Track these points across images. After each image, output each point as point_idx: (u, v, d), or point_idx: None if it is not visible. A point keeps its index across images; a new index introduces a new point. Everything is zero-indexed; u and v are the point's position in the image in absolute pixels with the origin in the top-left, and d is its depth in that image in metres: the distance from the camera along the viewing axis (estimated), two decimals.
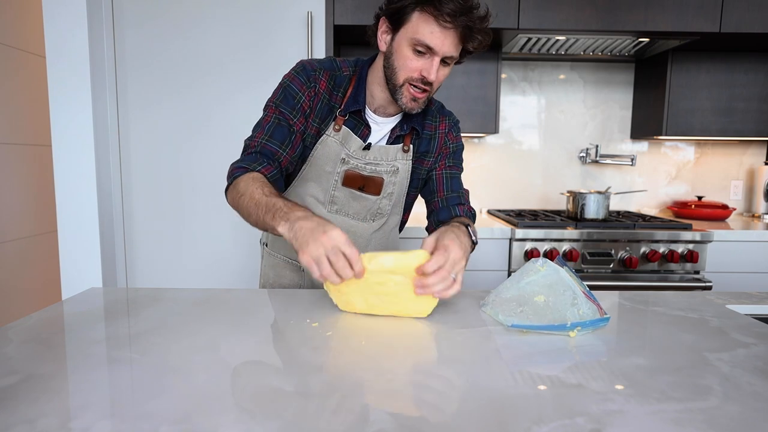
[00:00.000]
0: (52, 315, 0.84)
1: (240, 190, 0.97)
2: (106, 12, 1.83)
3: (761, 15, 1.95)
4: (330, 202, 1.14)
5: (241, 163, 1.03)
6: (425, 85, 0.98)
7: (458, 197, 1.17)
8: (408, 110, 1.03)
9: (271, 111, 1.06)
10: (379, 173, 1.13)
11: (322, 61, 1.09)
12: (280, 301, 0.96)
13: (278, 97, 1.06)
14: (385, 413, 0.53)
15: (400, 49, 0.97)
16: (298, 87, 1.05)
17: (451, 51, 0.95)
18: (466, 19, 0.92)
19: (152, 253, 1.95)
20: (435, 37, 0.93)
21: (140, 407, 0.53)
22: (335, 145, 1.09)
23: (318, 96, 1.06)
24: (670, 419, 0.52)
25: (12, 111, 2.25)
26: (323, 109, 1.08)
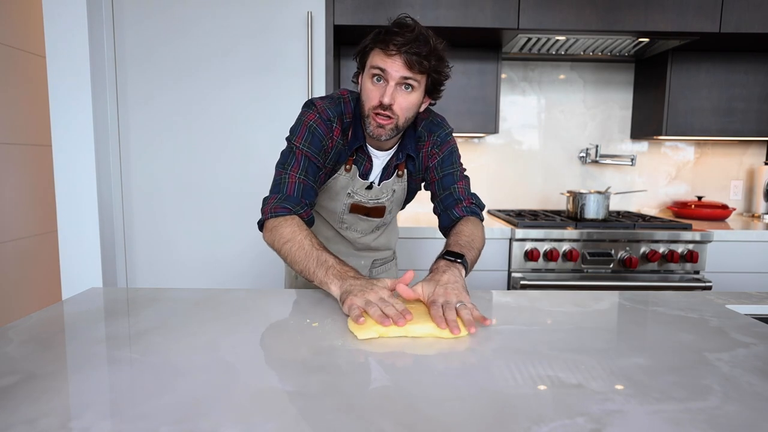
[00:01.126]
0: (52, 315, 0.84)
1: (285, 235, 1.01)
2: (106, 12, 1.83)
3: (761, 15, 1.95)
4: (340, 221, 1.27)
5: (284, 203, 1.06)
6: (385, 110, 1.04)
7: (451, 195, 1.21)
8: (376, 137, 1.08)
9: (299, 152, 1.11)
10: (382, 202, 1.24)
11: (334, 107, 1.14)
12: (280, 301, 0.96)
13: (305, 138, 1.11)
14: (385, 413, 0.53)
15: (364, 84, 1.08)
16: (324, 132, 1.12)
17: (401, 71, 1.02)
18: (409, 47, 1.00)
19: (152, 253, 1.95)
20: (384, 62, 1.02)
21: (140, 407, 0.53)
22: (344, 181, 1.19)
23: (333, 142, 1.14)
24: (670, 419, 0.52)
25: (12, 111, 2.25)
26: (338, 153, 1.16)
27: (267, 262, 1.95)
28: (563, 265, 1.96)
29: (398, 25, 1.04)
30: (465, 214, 1.19)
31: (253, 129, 1.89)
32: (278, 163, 1.13)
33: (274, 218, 1.06)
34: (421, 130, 1.20)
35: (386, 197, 1.23)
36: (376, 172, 1.21)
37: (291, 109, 1.88)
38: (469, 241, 1.08)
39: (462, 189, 1.22)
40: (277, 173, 1.13)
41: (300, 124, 1.14)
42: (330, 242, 1.31)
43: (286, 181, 1.10)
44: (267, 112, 1.89)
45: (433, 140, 1.21)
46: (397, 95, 1.04)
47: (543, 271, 1.97)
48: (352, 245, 1.33)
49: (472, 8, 1.93)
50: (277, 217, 1.05)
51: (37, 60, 2.39)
